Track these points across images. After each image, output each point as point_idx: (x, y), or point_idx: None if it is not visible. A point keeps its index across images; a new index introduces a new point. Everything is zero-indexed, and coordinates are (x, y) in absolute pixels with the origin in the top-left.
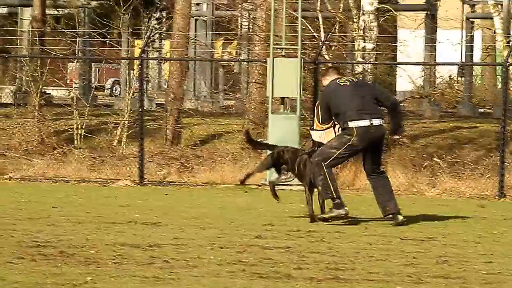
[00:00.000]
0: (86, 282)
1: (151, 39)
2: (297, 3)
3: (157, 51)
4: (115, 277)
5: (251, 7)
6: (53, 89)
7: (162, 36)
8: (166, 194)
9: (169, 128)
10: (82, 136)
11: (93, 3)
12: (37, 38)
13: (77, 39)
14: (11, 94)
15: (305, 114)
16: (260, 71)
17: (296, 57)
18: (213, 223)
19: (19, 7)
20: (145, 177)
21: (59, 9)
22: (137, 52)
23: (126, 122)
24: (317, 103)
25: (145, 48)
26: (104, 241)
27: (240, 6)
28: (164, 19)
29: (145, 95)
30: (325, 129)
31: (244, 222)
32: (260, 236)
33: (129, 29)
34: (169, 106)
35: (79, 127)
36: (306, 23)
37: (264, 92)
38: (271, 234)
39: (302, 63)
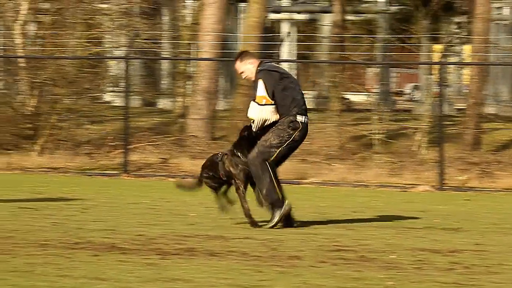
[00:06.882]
0: (386, 287)
1: (451, 44)
2: None
3: (457, 56)
4: (416, 282)
5: None
6: (352, 94)
7: (462, 40)
8: (467, 200)
9: (469, 133)
10: (382, 141)
11: (393, 9)
12: (337, 44)
13: (376, 44)
14: (312, 99)
15: None
16: None
17: None
18: None
19: (320, 14)
20: (445, 182)
21: (358, 15)
22: (435, 56)
23: (426, 127)
24: (260, 79)
25: (445, 53)
26: (404, 246)
27: None
28: (464, 24)
29: (445, 99)
30: (273, 104)
31: None
32: None
33: (428, 34)
34: (469, 110)
35: (379, 132)
36: None
37: None
38: None
39: None
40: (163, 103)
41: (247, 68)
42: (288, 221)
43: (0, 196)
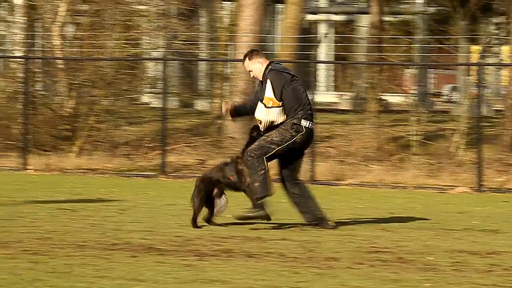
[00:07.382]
0: None
1: (489, 45)
2: None
3: (495, 57)
4: (454, 284)
5: None
6: (389, 95)
7: (500, 41)
8: (506, 201)
9: (508, 134)
10: (419, 143)
11: (431, 10)
12: (375, 45)
13: (413, 45)
14: (350, 100)
15: None
16: None
17: None
18: None
19: (357, 15)
20: (483, 183)
21: (396, 16)
22: (474, 58)
23: (464, 128)
24: (268, 79)
25: (483, 54)
26: (442, 247)
27: None
28: (502, 24)
29: (483, 101)
30: (280, 106)
31: None
32: None
33: (467, 35)
34: (507, 112)
35: (416, 133)
36: None
37: None
38: None
39: None
40: (201, 104)
41: (256, 67)
42: (319, 221)
43: (39, 197)
